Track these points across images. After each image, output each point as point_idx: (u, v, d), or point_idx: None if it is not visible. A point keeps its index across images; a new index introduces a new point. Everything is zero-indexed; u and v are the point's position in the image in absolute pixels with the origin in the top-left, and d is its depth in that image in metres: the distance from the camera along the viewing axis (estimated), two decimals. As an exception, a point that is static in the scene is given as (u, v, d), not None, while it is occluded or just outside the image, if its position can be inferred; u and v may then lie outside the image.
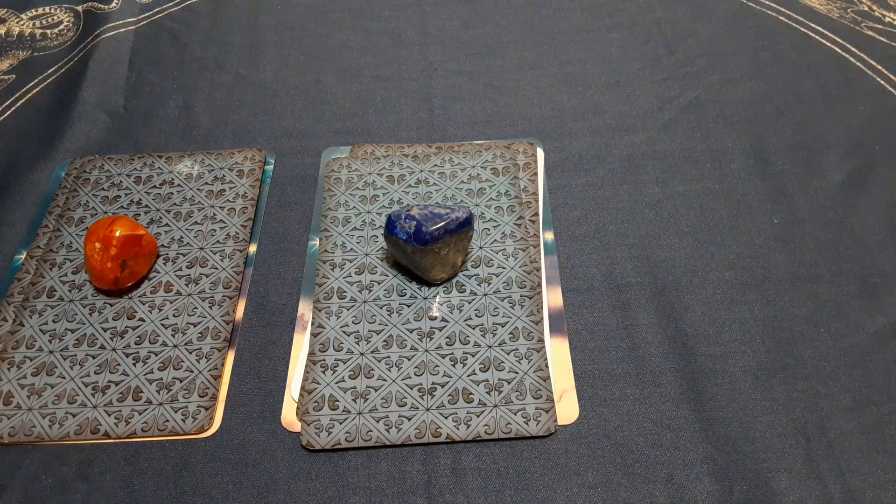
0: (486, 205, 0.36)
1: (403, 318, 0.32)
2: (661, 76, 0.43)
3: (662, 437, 0.29)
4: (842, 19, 0.47)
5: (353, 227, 0.36)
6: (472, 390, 0.30)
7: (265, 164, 0.39)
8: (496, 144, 0.39)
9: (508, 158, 0.39)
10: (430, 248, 0.31)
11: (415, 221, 0.31)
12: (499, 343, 0.31)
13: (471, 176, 0.38)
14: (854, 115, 0.41)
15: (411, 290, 0.33)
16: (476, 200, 0.37)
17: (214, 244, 0.35)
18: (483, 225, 0.36)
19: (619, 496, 0.27)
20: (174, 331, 0.32)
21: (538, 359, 0.31)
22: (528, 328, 0.32)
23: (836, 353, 0.31)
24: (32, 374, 0.31)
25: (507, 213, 0.36)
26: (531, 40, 0.46)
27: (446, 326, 0.32)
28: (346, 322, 0.32)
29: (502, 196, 0.37)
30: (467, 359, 0.31)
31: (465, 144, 0.39)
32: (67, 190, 0.38)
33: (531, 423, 0.29)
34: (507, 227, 0.36)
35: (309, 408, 0.29)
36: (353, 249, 0.35)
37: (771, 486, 0.27)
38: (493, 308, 0.32)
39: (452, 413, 0.29)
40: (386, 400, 0.29)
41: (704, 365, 0.31)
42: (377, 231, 0.36)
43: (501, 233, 0.35)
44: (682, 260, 0.34)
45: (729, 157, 0.39)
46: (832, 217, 0.36)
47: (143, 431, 0.29)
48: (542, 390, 0.30)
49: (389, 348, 0.31)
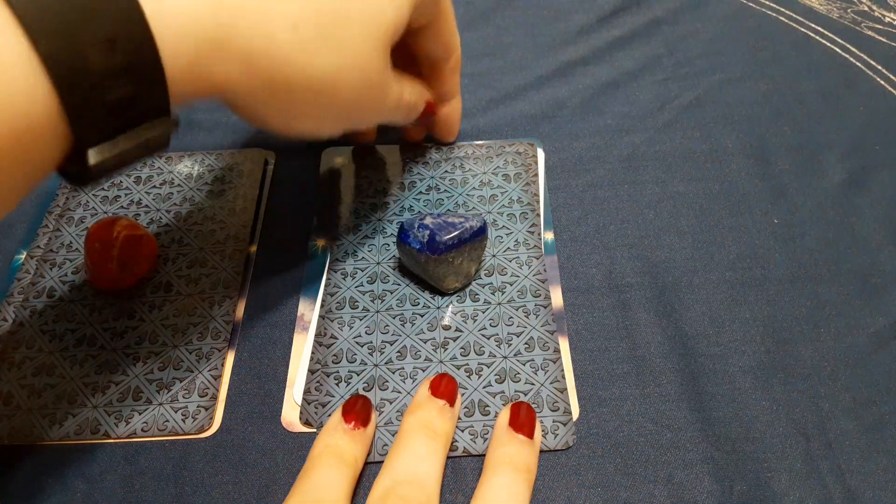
0: (498, 212, 0.36)
1: (417, 328, 0.32)
2: (661, 76, 0.43)
3: (662, 437, 0.29)
4: (842, 19, 0.47)
5: (363, 234, 0.35)
6: (489, 402, 0.29)
7: (265, 164, 0.39)
8: (501, 147, 0.39)
9: (521, 164, 0.38)
10: (444, 257, 0.31)
11: (428, 230, 0.31)
12: (514, 354, 0.31)
13: (482, 182, 0.38)
14: (854, 115, 0.41)
15: (424, 299, 0.33)
16: (488, 207, 0.36)
17: (214, 244, 0.35)
18: (496, 232, 0.35)
19: (618, 496, 0.27)
20: (174, 331, 0.32)
21: (555, 370, 0.30)
22: (543, 338, 0.31)
23: (836, 353, 0.31)
24: (32, 374, 0.31)
25: (519, 220, 0.36)
26: (532, 41, 0.46)
27: (460, 336, 0.32)
28: (360, 332, 0.32)
29: (514, 203, 0.36)
30: (482, 370, 0.30)
31: (473, 147, 0.39)
32: (67, 190, 0.38)
33: (549, 437, 0.29)
34: (520, 234, 0.35)
35: (324, 420, 0.29)
36: (364, 258, 0.34)
37: (771, 486, 0.27)
38: (507, 318, 0.32)
39: (469, 426, 0.29)
40: (402, 413, 0.29)
41: (704, 365, 0.31)
42: (388, 239, 0.35)
43: (515, 240, 0.35)
44: (682, 260, 0.34)
45: (729, 157, 0.39)
46: (832, 217, 0.36)
47: (143, 431, 0.29)
48: (560, 402, 0.29)
49: (403, 359, 0.31)
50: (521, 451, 0.26)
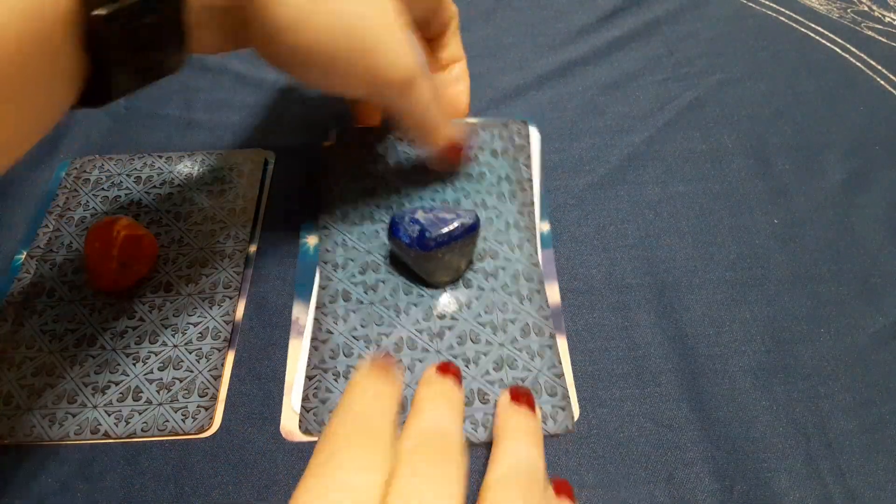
0: (487, 191, 0.35)
1: (412, 318, 0.32)
2: (661, 76, 0.43)
3: (662, 437, 0.29)
4: (842, 19, 0.47)
5: (353, 221, 0.35)
6: (488, 391, 0.29)
7: (265, 164, 0.39)
8: (492, 126, 0.38)
9: (507, 139, 0.37)
10: (433, 253, 0.31)
11: (419, 226, 0.30)
12: (510, 341, 0.31)
13: None
14: (854, 115, 0.41)
15: (417, 288, 0.33)
16: (476, 186, 0.35)
17: (214, 244, 0.35)
18: (486, 213, 0.34)
19: (618, 496, 0.27)
20: (174, 331, 0.32)
21: (551, 355, 0.30)
22: (538, 324, 0.31)
23: (836, 353, 0.31)
24: (32, 374, 0.31)
25: (509, 199, 0.35)
26: (531, 41, 0.46)
27: (456, 325, 0.31)
28: (355, 325, 0.32)
29: (503, 181, 0.36)
30: (480, 358, 0.30)
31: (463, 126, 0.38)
32: (67, 190, 0.38)
33: (549, 422, 0.29)
34: (510, 215, 0.34)
35: (325, 417, 0.29)
36: (354, 247, 0.34)
37: (771, 486, 0.27)
38: (501, 304, 0.32)
39: (469, 415, 0.29)
40: (402, 406, 0.29)
41: (704, 365, 0.31)
42: (378, 226, 0.35)
43: (505, 222, 0.34)
44: (682, 260, 0.34)
45: (729, 157, 0.39)
46: (832, 217, 0.36)
47: (143, 431, 0.29)
48: (557, 387, 0.30)
49: (401, 351, 0.31)
50: (528, 420, 0.26)
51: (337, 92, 0.32)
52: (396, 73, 0.29)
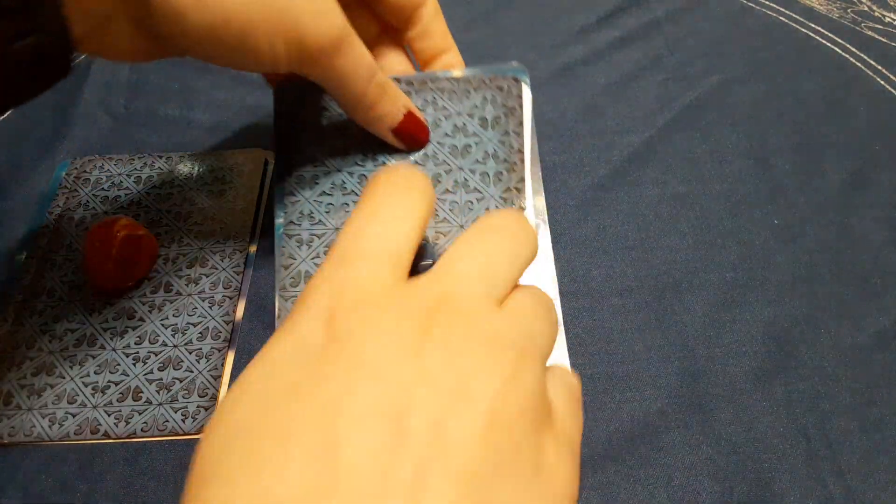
0: (470, 168, 0.32)
1: None
2: (661, 76, 0.43)
3: (662, 438, 0.29)
4: (842, 19, 0.47)
5: (321, 191, 0.31)
6: None
7: (265, 164, 0.39)
8: (482, 81, 0.33)
9: (501, 105, 0.33)
10: None
11: None
12: None
13: (456, 127, 0.32)
14: (854, 115, 0.41)
15: None
16: (460, 162, 0.32)
17: (214, 244, 0.35)
18: (466, 196, 0.31)
19: (618, 497, 0.27)
20: (174, 331, 0.32)
21: None
22: None
23: (836, 353, 0.31)
24: (32, 374, 0.31)
25: (493, 181, 0.32)
26: (531, 41, 0.46)
27: None
28: None
29: (489, 159, 0.32)
30: None
31: (450, 80, 0.33)
32: (67, 190, 0.38)
33: None
34: (492, 200, 0.31)
35: None
36: (321, 221, 0.30)
37: (771, 486, 0.27)
38: None
39: None
40: None
41: (704, 366, 0.31)
42: (348, 198, 0.31)
43: (485, 208, 0.31)
44: (683, 261, 0.34)
45: (729, 158, 0.39)
46: (832, 217, 0.36)
47: (143, 431, 0.29)
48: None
49: None
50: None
51: (259, 68, 0.26)
52: (323, 35, 0.25)
